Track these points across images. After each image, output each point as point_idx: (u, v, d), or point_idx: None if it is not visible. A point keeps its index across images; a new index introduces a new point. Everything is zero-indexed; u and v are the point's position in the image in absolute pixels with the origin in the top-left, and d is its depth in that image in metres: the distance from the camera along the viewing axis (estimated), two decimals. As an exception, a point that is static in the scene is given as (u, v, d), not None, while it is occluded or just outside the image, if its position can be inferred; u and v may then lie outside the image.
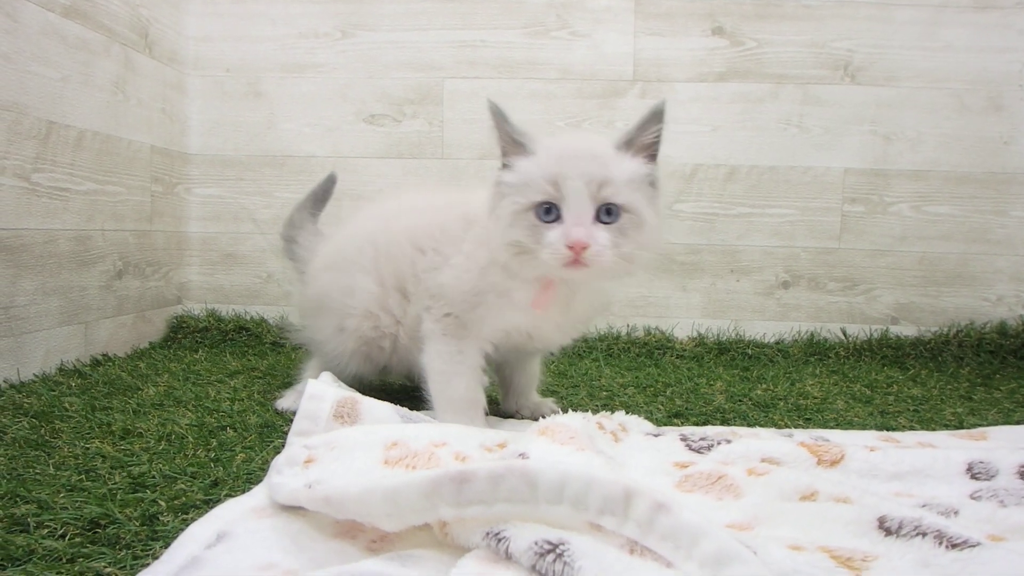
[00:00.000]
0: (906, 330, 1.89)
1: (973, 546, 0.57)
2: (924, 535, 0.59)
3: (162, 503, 0.76)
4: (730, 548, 0.50)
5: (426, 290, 1.08)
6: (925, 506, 0.72)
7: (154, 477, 0.84)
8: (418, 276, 1.10)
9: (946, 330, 1.86)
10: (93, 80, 1.53)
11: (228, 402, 1.21)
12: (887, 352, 1.82)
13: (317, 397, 0.92)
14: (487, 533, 0.57)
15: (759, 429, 1.11)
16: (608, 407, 1.15)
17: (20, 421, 1.05)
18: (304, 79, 1.94)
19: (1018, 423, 1.22)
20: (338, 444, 0.79)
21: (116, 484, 0.82)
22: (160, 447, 0.95)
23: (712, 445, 0.88)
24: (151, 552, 0.66)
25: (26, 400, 1.17)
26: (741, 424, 1.18)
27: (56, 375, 1.38)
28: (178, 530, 0.68)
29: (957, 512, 0.71)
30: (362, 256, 1.17)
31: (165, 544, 0.66)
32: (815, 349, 1.84)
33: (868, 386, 1.51)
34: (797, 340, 1.88)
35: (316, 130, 1.94)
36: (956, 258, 1.90)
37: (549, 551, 0.53)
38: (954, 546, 0.57)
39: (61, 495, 0.77)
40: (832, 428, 1.16)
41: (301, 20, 1.92)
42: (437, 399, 1.05)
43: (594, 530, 0.57)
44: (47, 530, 0.70)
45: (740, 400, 1.36)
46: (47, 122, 1.39)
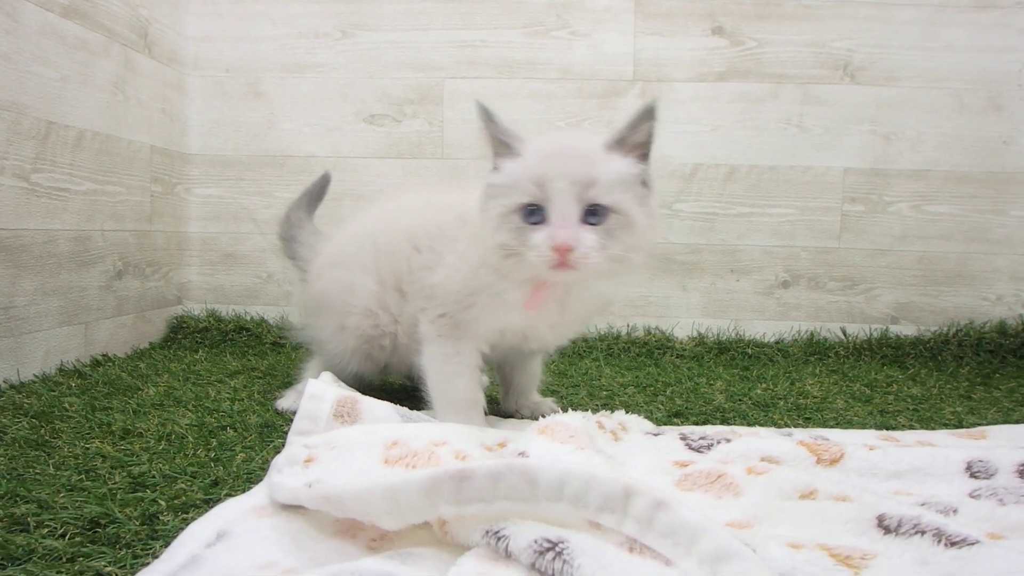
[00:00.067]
0: (906, 329, 1.89)
1: (972, 544, 0.57)
2: (923, 533, 0.59)
3: (162, 503, 0.76)
4: (729, 546, 0.50)
5: (421, 290, 1.08)
6: (924, 504, 0.72)
7: (154, 477, 0.84)
8: (414, 275, 1.10)
9: (946, 329, 1.86)
10: (92, 80, 1.53)
11: (228, 402, 1.21)
12: (887, 351, 1.82)
13: (317, 397, 0.92)
14: (487, 531, 0.57)
15: (759, 428, 1.11)
16: (608, 406, 1.15)
17: (20, 421, 1.05)
18: (304, 79, 1.94)
19: (1017, 422, 1.22)
20: (338, 443, 0.80)
21: (116, 484, 0.82)
22: (160, 447, 0.96)
23: (712, 444, 0.88)
24: (151, 551, 0.66)
25: (26, 400, 1.17)
26: (741, 423, 1.18)
27: (56, 375, 1.38)
28: (178, 529, 0.68)
29: (956, 510, 0.71)
30: (363, 254, 1.17)
31: (165, 543, 0.66)
32: (815, 348, 1.84)
33: (868, 385, 1.51)
34: (797, 339, 1.88)
35: (316, 130, 1.95)
36: (956, 258, 1.90)
37: (548, 549, 0.53)
38: (953, 544, 0.57)
39: (61, 495, 0.77)
40: (832, 427, 1.17)
41: (301, 20, 1.92)
42: (436, 400, 1.05)
43: (593, 528, 0.57)
44: (47, 529, 0.70)
45: (740, 399, 1.36)
46: (46, 122, 1.39)
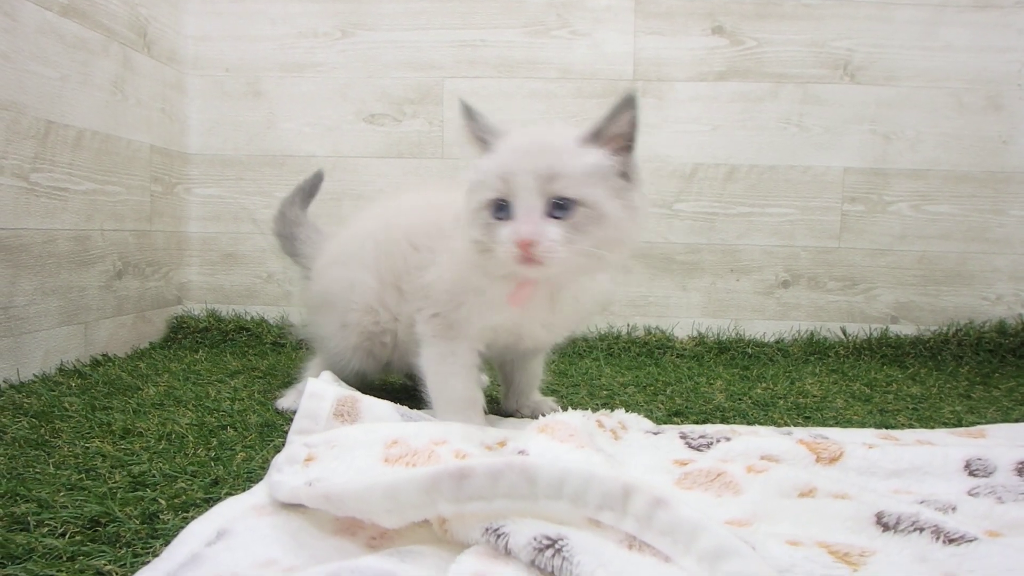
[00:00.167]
0: (905, 329, 1.89)
1: (970, 541, 0.57)
2: (922, 530, 0.59)
3: (162, 502, 0.76)
4: (728, 543, 0.50)
5: (416, 289, 1.09)
6: (923, 502, 0.72)
7: (154, 476, 0.84)
8: (411, 273, 1.11)
9: (945, 329, 1.86)
10: (92, 79, 1.53)
11: (228, 401, 1.21)
12: (886, 351, 1.82)
13: (317, 396, 0.92)
14: (486, 529, 0.57)
15: (758, 427, 1.11)
16: (608, 406, 1.15)
17: (20, 421, 1.05)
18: (304, 79, 1.94)
19: (1017, 421, 1.22)
20: (338, 442, 0.80)
21: (116, 483, 0.82)
22: (160, 446, 0.96)
23: (711, 443, 0.88)
24: (151, 550, 0.66)
25: (26, 400, 1.17)
26: (741, 422, 1.18)
27: (56, 375, 1.38)
28: (178, 528, 0.68)
29: (955, 508, 0.71)
30: (364, 252, 1.18)
31: (165, 542, 0.66)
32: (815, 348, 1.84)
33: (867, 385, 1.52)
34: (797, 339, 1.88)
35: (316, 130, 1.95)
36: (955, 257, 1.90)
37: (548, 546, 0.53)
38: (951, 541, 0.57)
39: (61, 494, 0.77)
40: (831, 426, 1.16)
41: (300, 19, 1.92)
42: (435, 399, 1.05)
43: (593, 526, 0.57)
44: (47, 528, 0.70)
45: (740, 399, 1.36)
46: (46, 121, 1.39)
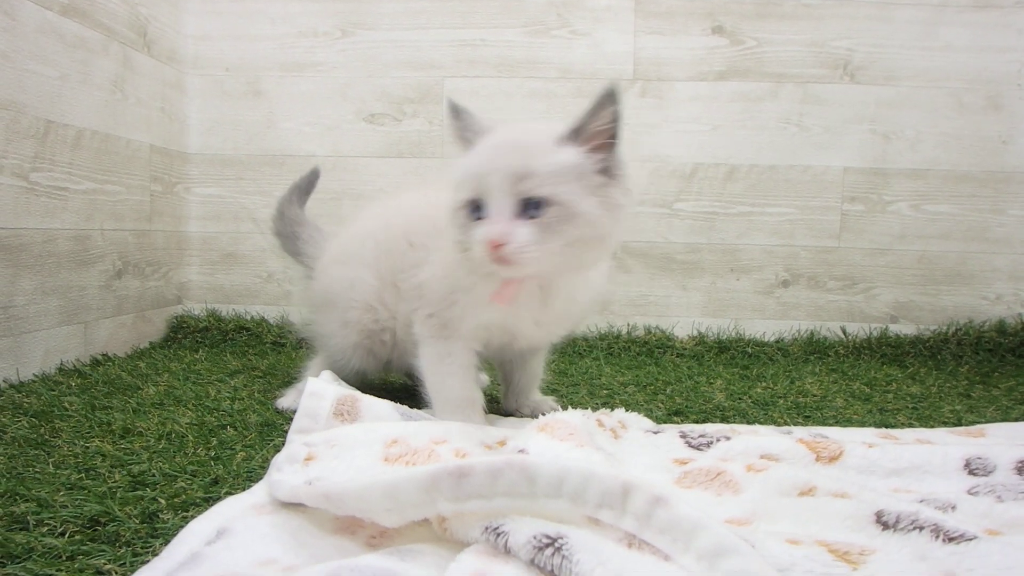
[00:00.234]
0: (905, 328, 1.89)
1: (970, 540, 0.57)
2: (921, 529, 0.59)
3: (162, 501, 0.76)
4: (728, 541, 0.50)
5: (412, 288, 1.09)
6: (923, 501, 0.72)
7: (154, 475, 0.84)
8: (407, 272, 1.11)
9: (945, 328, 1.86)
10: (91, 79, 1.53)
11: (228, 401, 1.21)
12: (886, 350, 1.82)
13: (317, 395, 0.92)
14: (486, 528, 0.57)
15: (758, 426, 1.11)
16: (608, 405, 1.15)
17: (20, 420, 1.05)
18: (304, 78, 1.94)
19: (1016, 420, 1.22)
20: (338, 442, 0.80)
21: (116, 482, 0.82)
22: (160, 446, 0.96)
23: (711, 442, 0.88)
24: (151, 549, 0.66)
25: (26, 400, 1.17)
26: (741, 422, 1.18)
27: (56, 375, 1.38)
28: (178, 527, 0.68)
29: (955, 507, 0.71)
30: (364, 251, 1.18)
31: (165, 541, 0.66)
32: (815, 347, 1.84)
33: (867, 384, 1.52)
34: (797, 339, 1.88)
35: (316, 129, 1.95)
36: (955, 257, 1.90)
37: (548, 545, 0.54)
38: (951, 539, 0.57)
39: (61, 493, 0.77)
40: (831, 425, 1.16)
41: (300, 19, 1.92)
42: (434, 400, 1.05)
43: (592, 524, 0.57)
44: (47, 528, 0.70)
45: (740, 398, 1.36)
46: (45, 121, 1.39)
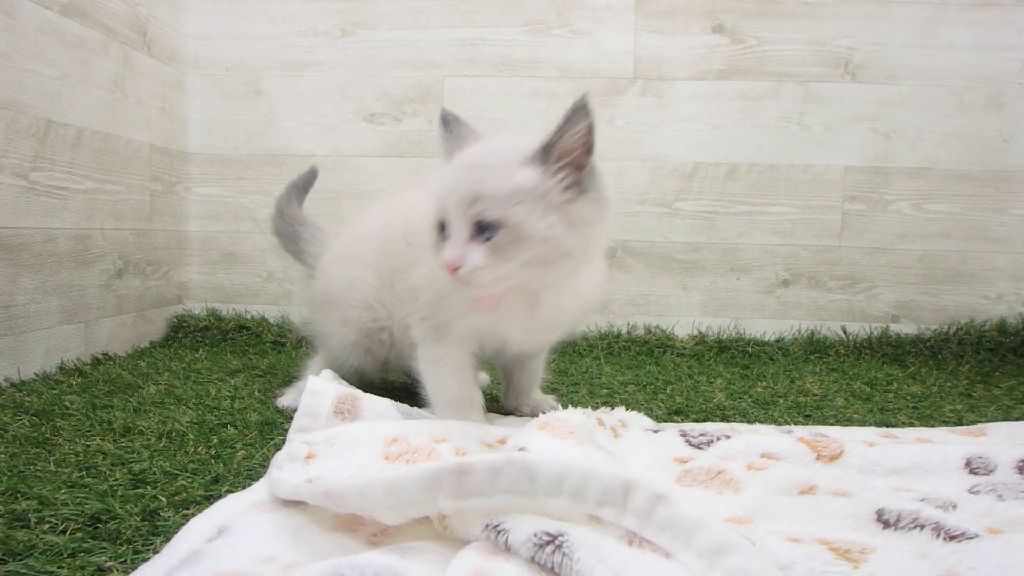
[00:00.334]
0: (906, 328, 1.89)
1: (971, 538, 0.57)
2: (922, 527, 0.59)
3: (163, 499, 0.76)
4: (728, 539, 0.50)
5: (407, 289, 1.09)
6: (924, 500, 0.72)
7: (155, 473, 0.84)
8: (404, 271, 1.11)
9: (946, 328, 1.86)
10: (92, 78, 1.53)
11: (229, 400, 1.21)
12: (887, 350, 1.82)
13: (317, 393, 0.92)
14: (486, 525, 0.57)
15: (758, 425, 1.11)
16: (608, 404, 1.15)
17: (21, 419, 1.05)
18: (304, 78, 1.94)
19: (1017, 419, 1.22)
20: (338, 440, 0.80)
21: (117, 480, 0.82)
22: (161, 444, 0.96)
23: (712, 441, 0.88)
24: (152, 547, 0.67)
25: (27, 398, 1.17)
26: (741, 421, 1.18)
27: (57, 374, 1.38)
28: (179, 525, 0.68)
29: (955, 506, 0.71)
30: (364, 250, 1.19)
31: (166, 539, 0.67)
32: (815, 347, 1.84)
33: (868, 383, 1.51)
34: (797, 338, 1.88)
35: (316, 129, 1.95)
36: (956, 256, 1.90)
37: (548, 542, 0.54)
38: (952, 538, 0.57)
39: (62, 491, 0.77)
40: (832, 425, 1.16)
41: (300, 18, 1.92)
42: (433, 400, 1.05)
43: (593, 522, 0.57)
44: (48, 525, 0.70)
45: (740, 397, 1.36)
46: (45, 120, 1.39)
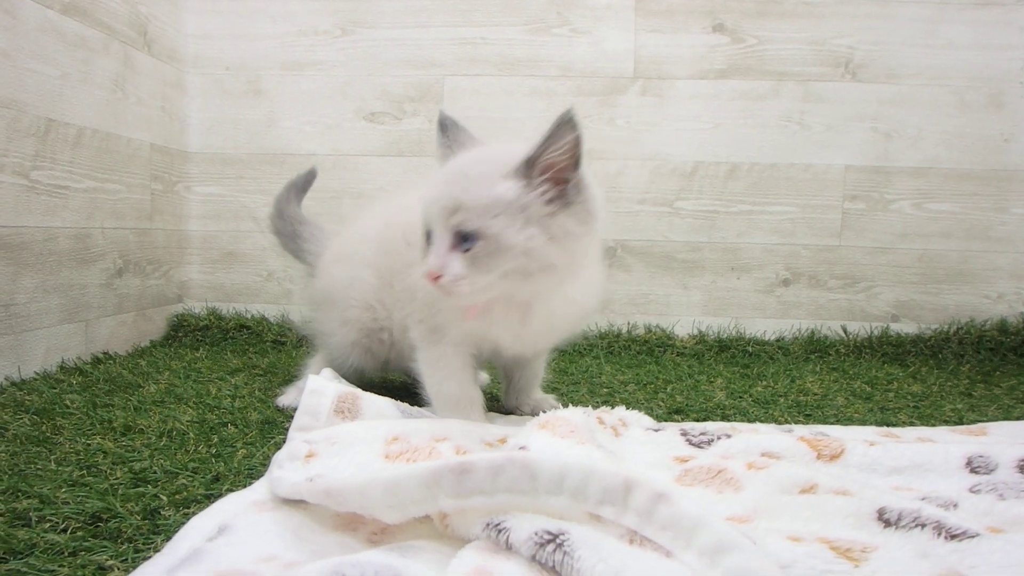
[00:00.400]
0: (906, 327, 1.89)
1: (972, 537, 0.57)
2: (923, 526, 0.59)
3: (163, 498, 0.77)
4: (729, 537, 0.50)
5: (405, 289, 1.09)
6: (925, 499, 0.71)
7: (155, 472, 0.84)
8: (402, 272, 1.11)
9: (946, 327, 1.85)
10: (92, 78, 1.53)
11: (229, 399, 1.21)
12: (887, 349, 1.82)
13: (318, 392, 0.92)
14: (487, 524, 0.57)
15: (759, 425, 1.11)
16: (608, 404, 1.15)
17: (21, 418, 1.05)
18: (304, 77, 1.94)
19: (1018, 419, 1.22)
20: (339, 439, 0.80)
21: (117, 479, 0.82)
22: (161, 443, 0.96)
23: (712, 440, 0.88)
24: (153, 545, 0.67)
25: (27, 397, 1.17)
26: (741, 420, 1.18)
27: (57, 373, 1.38)
28: (179, 524, 0.68)
29: (956, 505, 0.71)
30: (365, 249, 1.19)
31: (167, 537, 0.67)
32: (815, 346, 1.84)
33: (868, 383, 1.51)
34: (798, 337, 1.88)
35: (316, 128, 1.95)
36: (957, 255, 1.90)
37: (549, 541, 0.53)
38: (953, 537, 0.57)
39: (63, 490, 0.77)
40: (832, 424, 1.16)
41: (301, 18, 1.92)
42: (434, 400, 1.05)
43: (594, 520, 0.57)
44: (49, 524, 0.70)
45: (740, 397, 1.36)
46: (46, 120, 1.39)
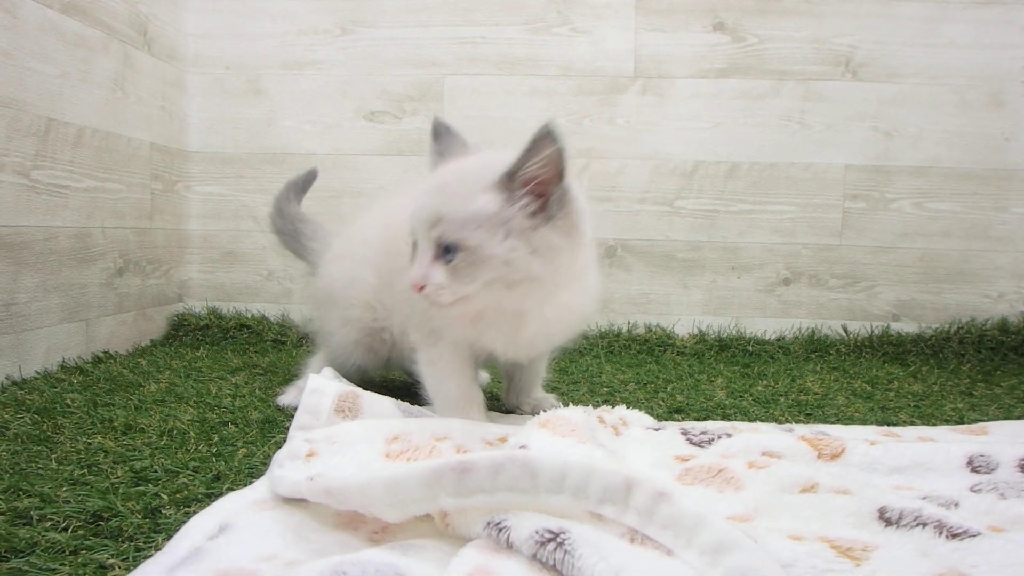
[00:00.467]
0: (907, 327, 1.89)
1: (973, 536, 0.57)
2: (924, 525, 0.59)
3: (164, 496, 0.76)
4: (730, 536, 0.50)
5: (403, 290, 1.08)
6: (926, 498, 0.71)
7: (156, 471, 0.84)
8: (401, 272, 1.10)
9: (947, 327, 1.85)
10: (92, 77, 1.53)
11: (229, 398, 1.21)
12: (888, 349, 1.82)
13: (318, 391, 0.92)
14: (488, 523, 0.57)
15: (759, 424, 1.11)
16: (609, 403, 1.15)
17: (22, 417, 1.05)
18: (304, 76, 1.94)
19: (1019, 418, 1.22)
20: (339, 438, 0.80)
21: (118, 478, 0.82)
22: (162, 442, 0.96)
23: (712, 439, 0.88)
24: (153, 544, 0.67)
25: (28, 396, 1.17)
26: (742, 420, 1.18)
27: (58, 372, 1.38)
28: (180, 523, 0.68)
29: (957, 504, 0.71)
30: (366, 248, 1.18)
31: (168, 536, 0.67)
32: (816, 346, 1.84)
33: (869, 382, 1.51)
34: (798, 337, 1.88)
35: (316, 127, 1.94)
36: (957, 255, 1.90)
37: (550, 540, 0.53)
38: (954, 536, 0.57)
39: (64, 489, 0.77)
40: (833, 424, 1.16)
41: (301, 17, 1.92)
42: (434, 400, 1.06)
43: (595, 519, 0.57)
44: (50, 523, 0.70)
45: (741, 396, 1.36)
46: (46, 119, 1.39)
